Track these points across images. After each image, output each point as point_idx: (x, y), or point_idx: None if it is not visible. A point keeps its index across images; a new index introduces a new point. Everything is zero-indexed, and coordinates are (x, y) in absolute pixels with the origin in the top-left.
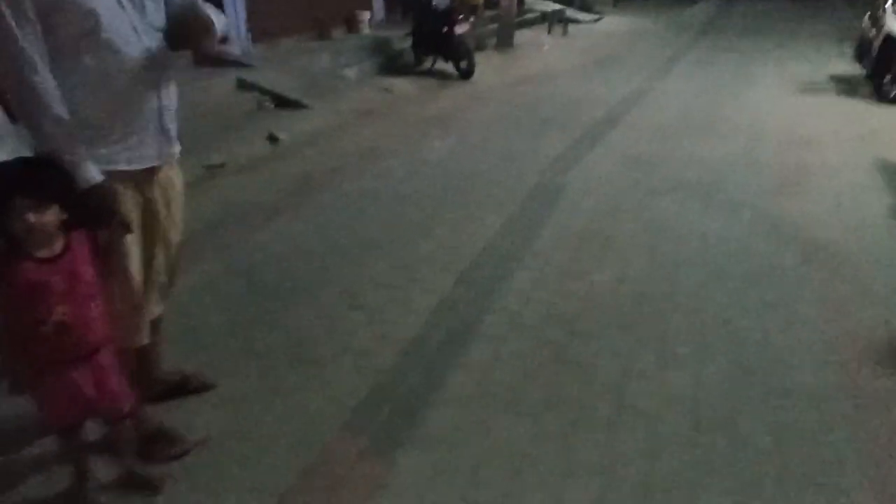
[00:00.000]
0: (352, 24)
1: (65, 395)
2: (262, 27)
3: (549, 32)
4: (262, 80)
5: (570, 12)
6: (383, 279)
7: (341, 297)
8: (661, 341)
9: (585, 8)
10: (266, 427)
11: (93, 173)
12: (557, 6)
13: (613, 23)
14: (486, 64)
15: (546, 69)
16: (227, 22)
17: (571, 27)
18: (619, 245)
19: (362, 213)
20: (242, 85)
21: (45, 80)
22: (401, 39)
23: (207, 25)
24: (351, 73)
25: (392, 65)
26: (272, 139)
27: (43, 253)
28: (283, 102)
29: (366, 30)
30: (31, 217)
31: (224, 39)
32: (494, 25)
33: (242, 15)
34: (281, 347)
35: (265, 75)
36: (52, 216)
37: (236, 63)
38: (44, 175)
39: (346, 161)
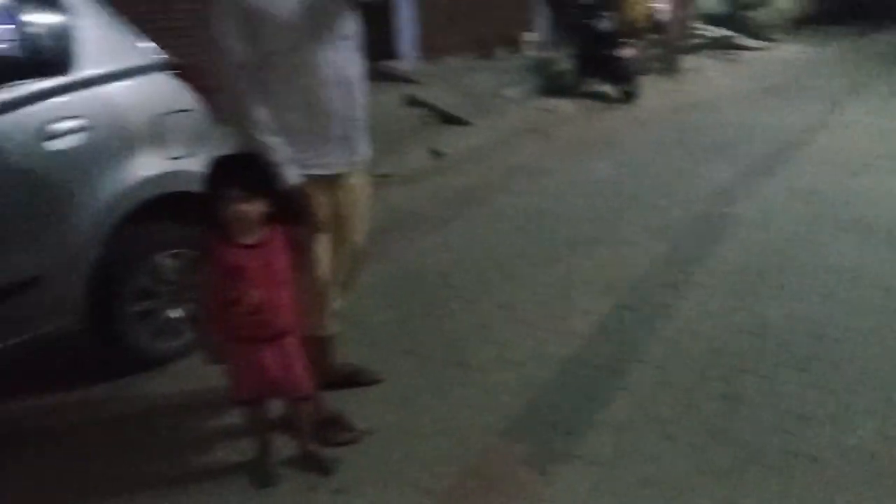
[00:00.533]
0: (515, 45)
1: (252, 372)
2: (430, 45)
3: (716, 58)
4: (428, 96)
5: (740, 38)
6: (541, 296)
7: (499, 309)
8: (839, 388)
9: (756, 34)
10: (427, 425)
11: (294, 175)
12: (726, 32)
13: (786, 50)
14: (650, 88)
15: (712, 95)
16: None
17: (741, 54)
18: (792, 283)
19: (520, 229)
20: (409, 101)
21: (252, 90)
22: (563, 61)
23: None
24: (513, 92)
25: (553, 86)
26: (435, 153)
27: (245, 239)
28: (446, 118)
29: (528, 51)
30: (242, 206)
31: None
32: (659, 49)
33: (414, 33)
34: (442, 350)
35: (431, 92)
36: (258, 207)
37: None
38: (254, 170)
39: (506, 178)
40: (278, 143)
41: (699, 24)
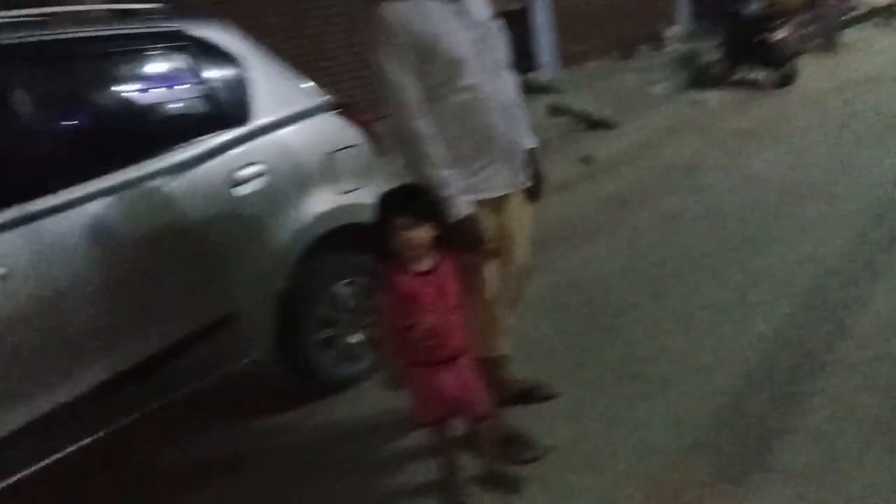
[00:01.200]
0: (656, 41)
1: (431, 394)
2: (569, 52)
3: (881, 29)
4: (572, 103)
5: None
6: (715, 300)
7: (671, 316)
8: None
9: None
10: (609, 439)
11: (463, 207)
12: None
13: None
14: (809, 69)
15: (878, 71)
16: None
17: None
18: None
19: (683, 231)
20: (553, 110)
21: (424, 125)
22: (709, 51)
23: None
24: (658, 89)
25: (701, 78)
26: (585, 160)
27: (418, 267)
28: (592, 124)
29: (671, 45)
30: (411, 234)
31: None
32: (815, 26)
33: (552, 41)
34: (614, 363)
35: (575, 98)
36: (424, 233)
37: None
38: (421, 198)
39: (661, 178)
40: (450, 175)
41: None
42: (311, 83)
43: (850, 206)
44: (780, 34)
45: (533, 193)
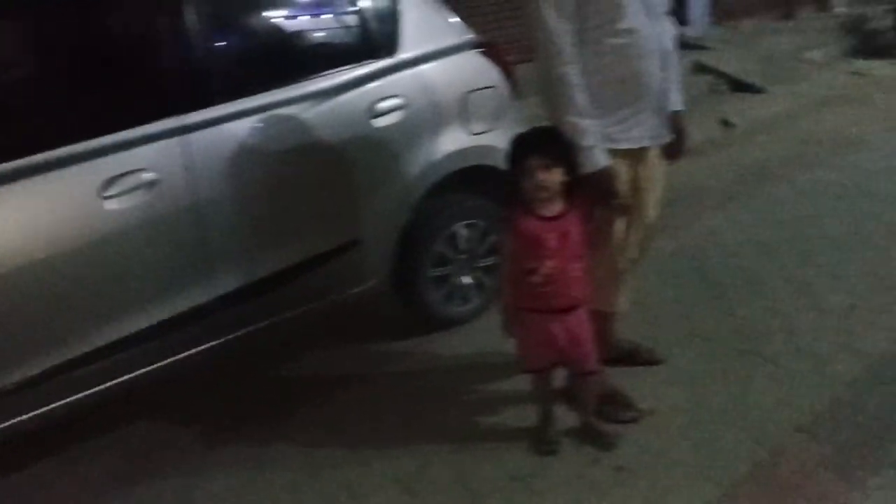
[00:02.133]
0: (822, 2)
1: (541, 340)
2: (724, 8)
3: None
4: (720, 62)
5: None
6: (848, 284)
7: (797, 295)
8: None
9: None
10: (715, 412)
11: (601, 159)
12: None
13: None
14: None
15: None
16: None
17: None
18: None
19: (823, 208)
20: (699, 68)
21: (574, 72)
22: (880, 17)
23: None
24: (817, 55)
25: (869, 46)
26: (725, 123)
27: (545, 212)
28: (739, 86)
29: (838, 7)
30: (540, 175)
31: None
32: None
33: None
34: (728, 335)
35: (723, 57)
36: (557, 176)
37: None
38: (556, 142)
39: (806, 151)
40: (592, 125)
41: None
42: (457, 19)
43: None
44: None
45: (672, 152)
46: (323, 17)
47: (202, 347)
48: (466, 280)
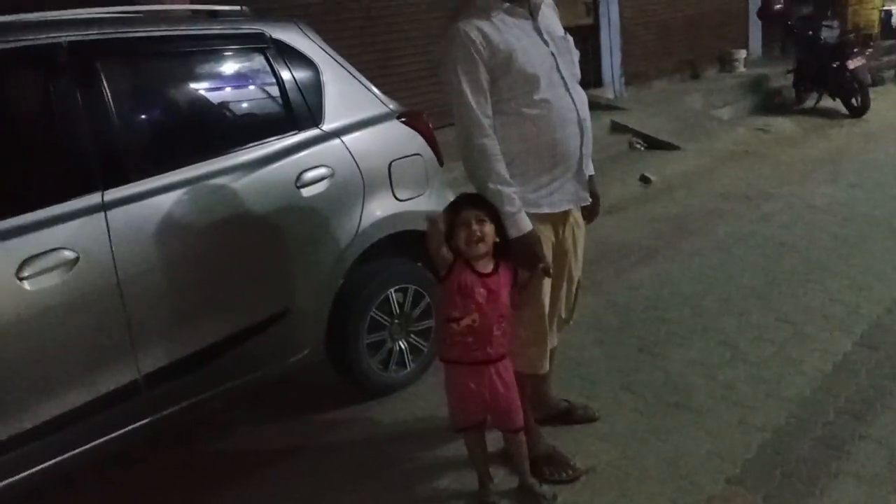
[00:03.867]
0: (725, 63)
1: (465, 394)
2: (634, 70)
3: None
4: (634, 121)
5: None
6: (766, 332)
7: (720, 346)
8: None
9: None
10: (649, 467)
11: (525, 224)
12: None
13: None
14: (883, 100)
15: None
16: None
17: None
18: None
19: (740, 259)
20: (615, 127)
21: (492, 143)
22: (780, 76)
23: None
24: (724, 113)
25: (769, 104)
26: (644, 180)
27: (480, 267)
28: (654, 144)
29: (740, 68)
30: (474, 225)
31: None
32: (892, 56)
33: (617, 59)
34: (658, 388)
35: (637, 117)
36: (489, 229)
37: None
38: (488, 203)
39: (721, 204)
40: (514, 192)
41: None
42: (378, 90)
43: None
44: (855, 61)
45: (589, 214)
46: (247, 89)
47: (127, 429)
48: (402, 345)
